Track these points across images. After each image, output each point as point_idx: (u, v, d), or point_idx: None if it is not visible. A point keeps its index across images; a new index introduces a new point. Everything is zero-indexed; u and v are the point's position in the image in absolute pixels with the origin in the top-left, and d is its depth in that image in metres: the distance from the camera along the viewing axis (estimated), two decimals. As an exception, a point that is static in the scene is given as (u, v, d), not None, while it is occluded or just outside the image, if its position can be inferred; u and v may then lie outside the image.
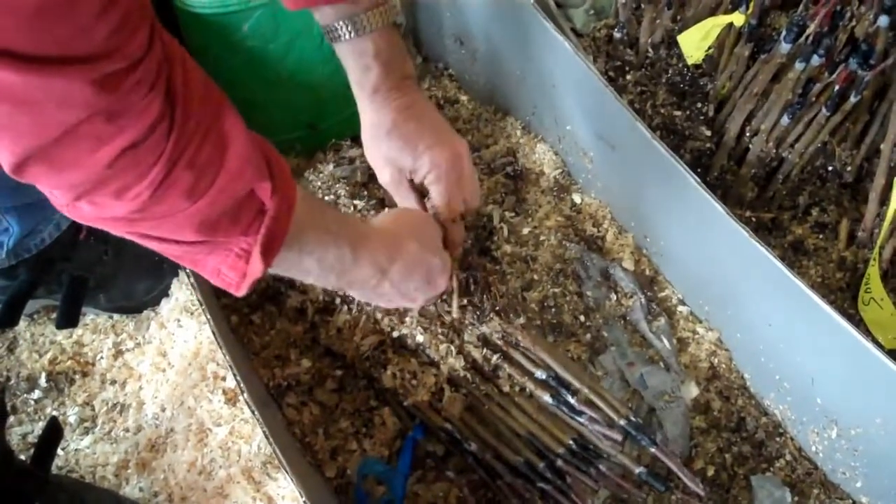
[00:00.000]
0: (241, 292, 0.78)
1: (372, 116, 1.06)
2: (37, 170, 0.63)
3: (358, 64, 1.04)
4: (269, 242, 0.75)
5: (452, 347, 1.10)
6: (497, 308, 1.14)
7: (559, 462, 1.06)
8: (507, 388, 1.12)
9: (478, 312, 1.12)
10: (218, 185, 0.69)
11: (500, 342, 1.13)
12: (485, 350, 1.12)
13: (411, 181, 1.07)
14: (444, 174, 1.05)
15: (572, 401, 1.08)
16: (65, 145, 0.61)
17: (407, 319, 1.11)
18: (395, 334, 1.12)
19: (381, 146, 1.06)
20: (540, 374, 1.10)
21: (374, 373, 1.14)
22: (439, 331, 1.11)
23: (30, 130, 0.60)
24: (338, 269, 0.89)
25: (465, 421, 1.11)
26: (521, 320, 1.15)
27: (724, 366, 1.30)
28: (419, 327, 1.11)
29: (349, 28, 1.00)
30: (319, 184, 1.27)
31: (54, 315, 1.35)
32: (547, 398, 1.09)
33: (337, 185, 1.26)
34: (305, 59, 1.39)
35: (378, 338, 1.14)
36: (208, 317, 1.06)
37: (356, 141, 1.40)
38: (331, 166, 1.32)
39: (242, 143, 0.71)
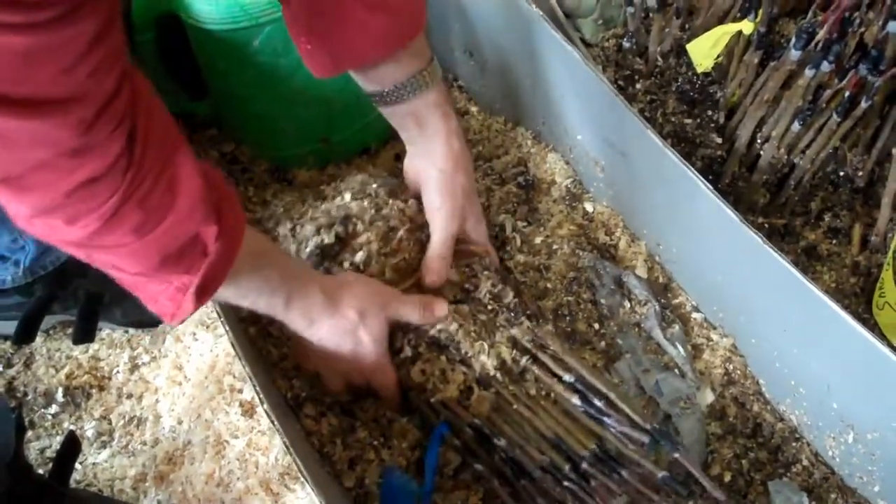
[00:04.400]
0: (174, 322, 0.82)
1: (456, 154, 1.14)
2: (1, 192, 0.66)
3: (437, 113, 1.10)
4: (205, 284, 0.79)
5: (486, 345, 1.10)
6: (528, 312, 1.15)
7: (584, 465, 1.06)
8: (533, 391, 1.12)
9: (512, 314, 1.13)
10: (165, 225, 0.72)
11: (529, 345, 1.13)
12: (514, 352, 1.12)
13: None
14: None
15: (599, 404, 1.08)
16: (31, 176, 0.63)
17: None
18: (430, 331, 1.12)
19: (453, 187, 1.14)
20: (568, 377, 1.10)
21: (402, 369, 1.13)
22: (472, 329, 1.11)
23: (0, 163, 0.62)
24: (270, 313, 0.99)
25: (491, 420, 1.11)
26: (549, 326, 1.16)
27: (738, 372, 1.30)
28: (454, 323, 1.11)
29: (427, 79, 1.07)
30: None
31: (70, 330, 1.36)
32: (575, 400, 1.09)
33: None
34: (317, 72, 1.40)
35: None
36: (227, 328, 1.07)
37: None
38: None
39: (195, 186, 0.73)
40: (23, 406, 1.32)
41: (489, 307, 1.14)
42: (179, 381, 1.31)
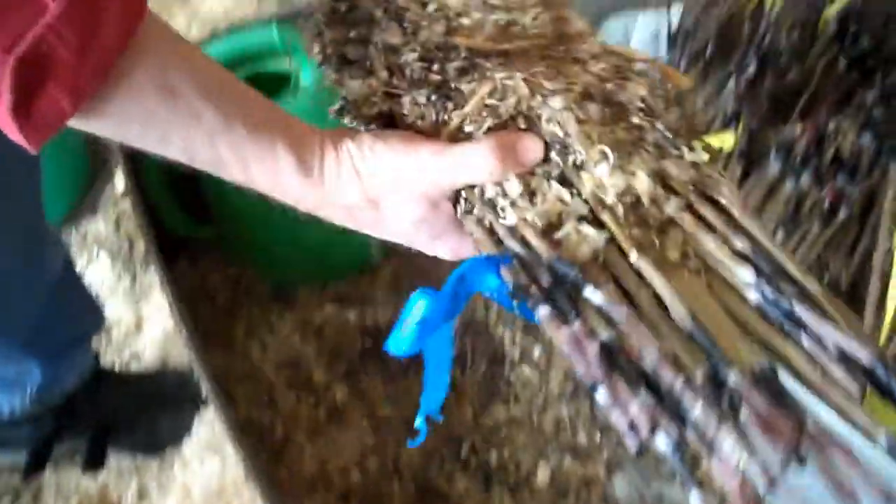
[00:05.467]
0: (30, 146, 0.55)
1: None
2: None
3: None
4: (40, 60, 0.52)
5: (610, 155, 0.63)
6: (693, 146, 0.68)
7: (732, 381, 0.54)
8: (675, 254, 0.63)
9: (669, 139, 0.67)
10: None
11: (686, 188, 0.65)
12: (657, 189, 0.64)
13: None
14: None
15: (787, 290, 0.58)
16: None
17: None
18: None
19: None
20: (742, 244, 0.61)
21: None
22: (595, 132, 0.64)
23: None
24: (218, 173, 0.64)
25: (588, 273, 0.61)
26: (729, 182, 0.66)
27: (739, 478, 1.32)
28: (568, 112, 0.65)
29: None
30: None
31: (78, 458, 1.37)
32: (747, 275, 0.60)
33: None
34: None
35: None
36: (237, 447, 1.08)
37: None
38: None
39: None
40: (33, 538, 1.32)
41: (634, 121, 0.68)
42: (188, 508, 1.32)
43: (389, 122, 0.69)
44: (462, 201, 0.66)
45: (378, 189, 0.62)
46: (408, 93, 0.67)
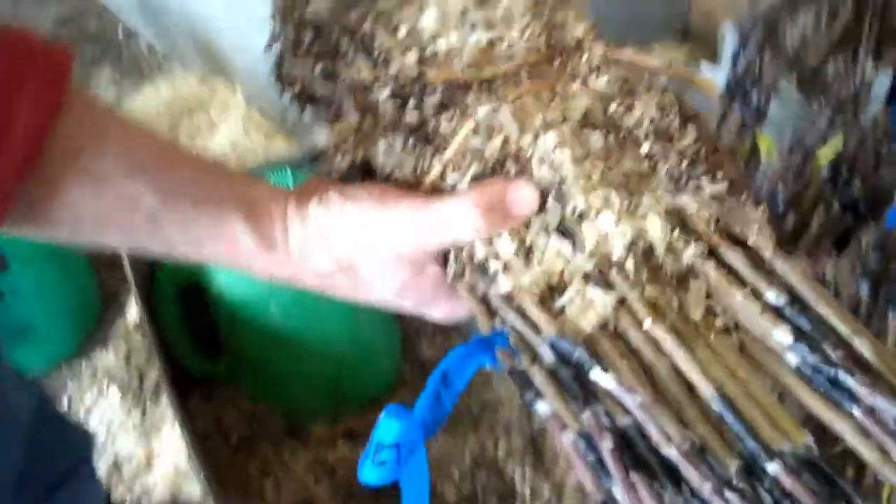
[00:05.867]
0: None
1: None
2: None
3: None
4: None
5: (616, 201, 0.55)
6: (718, 174, 0.59)
7: (773, 467, 0.46)
8: (697, 314, 0.55)
9: (685, 169, 0.59)
10: None
11: (708, 226, 0.56)
12: (675, 233, 0.56)
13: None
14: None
15: (833, 355, 0.49)
16: None
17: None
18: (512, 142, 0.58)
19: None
20: (774, 296, 0.53)
21: None
22: (596, 171, 0.56)
23: None
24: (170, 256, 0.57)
25: (595, 346, 0.53)
26: (760, 210, 0.59)
27: None
28: (565, 149, 0.56)
29: None
30: None
31: None
32: (782, 336, 0.51)
33: None
34: (327, 326, 1.46)
35: None
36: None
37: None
38: None
39: None
40: None
41: (644, 150, 0.59)
42: None
43: (367, 173, 0.61)
44: (451, 262, 0.58)
45: (350, 253, 0.55)
46: (382, 137, 0.59)
